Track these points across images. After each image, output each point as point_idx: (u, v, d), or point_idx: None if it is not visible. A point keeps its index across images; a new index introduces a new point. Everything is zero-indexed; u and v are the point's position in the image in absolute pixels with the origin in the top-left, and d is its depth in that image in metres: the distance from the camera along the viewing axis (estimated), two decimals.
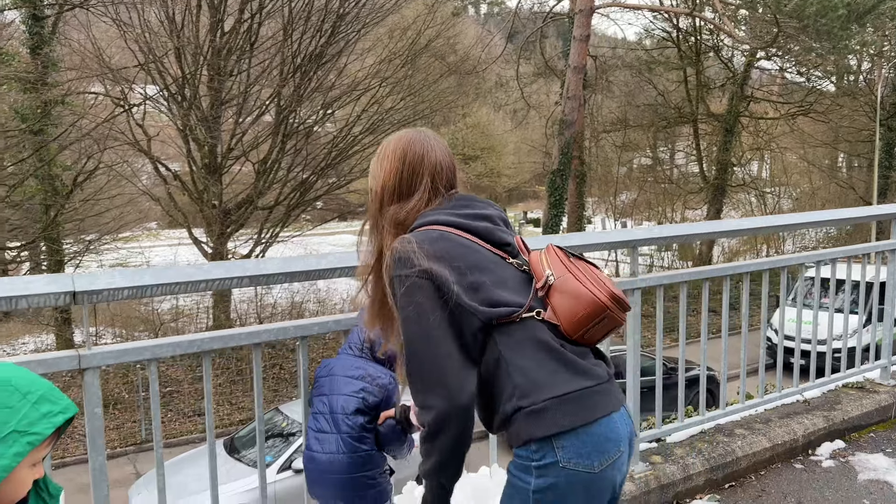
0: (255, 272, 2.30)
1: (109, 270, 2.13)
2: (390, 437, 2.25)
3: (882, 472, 3.69)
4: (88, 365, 2.08)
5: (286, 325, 2.44)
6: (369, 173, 1.91)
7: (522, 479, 1.62)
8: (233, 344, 2.35)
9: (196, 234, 16.68)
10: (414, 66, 18.65)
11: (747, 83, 24.55)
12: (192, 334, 2.33)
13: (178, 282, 2.18)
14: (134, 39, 15.08)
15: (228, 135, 15.98)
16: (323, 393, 2.35)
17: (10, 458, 1.15)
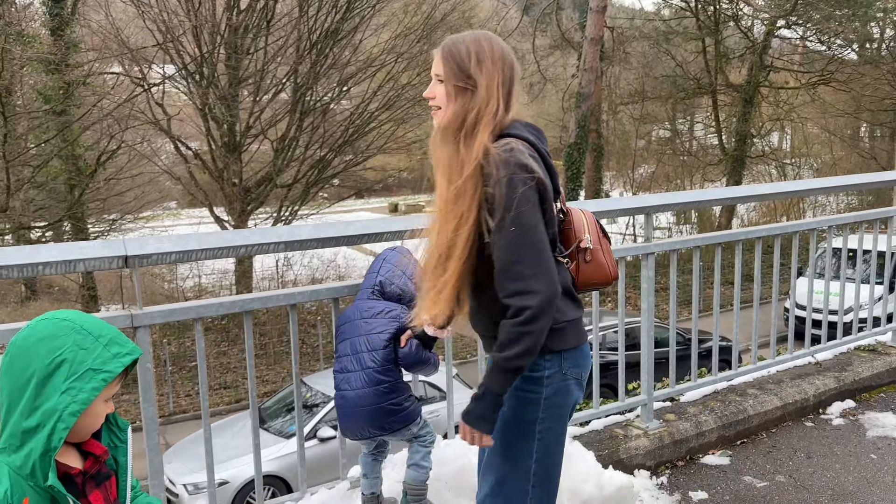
0: (290, 238, 2.45)
1: (158, 236, 2.30)
2: (414, 357, 2.42)
3: (890, 430, 3.81)
4: (140, 323, 2.25)
5: (319, 287, 2.60)
6: (454, 70, 1.83)
7: (534, 390, 1.87)
8: (271, 304, 2.52)
9: (217, 213, 16.94)
10: (429, 41, 18.63)
11: (767, 52, 24.22)
12: (233, 296, 2.50)
13: (220, 247, 2.35)
14: (152, 19, 15.24)
15: (247, 113, 16.14)
16: (345, 337, 2.52)
17: (87, 392, 1.32)
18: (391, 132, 19.00)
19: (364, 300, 2.52)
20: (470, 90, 1.81)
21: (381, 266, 2.55)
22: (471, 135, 1.79)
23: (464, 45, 1.83)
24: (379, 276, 2.53)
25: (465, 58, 1.82)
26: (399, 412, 2.46)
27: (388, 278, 2.51)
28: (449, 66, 1.84)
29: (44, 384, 1.30)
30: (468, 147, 1.78)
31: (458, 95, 1.82)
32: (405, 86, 18.26)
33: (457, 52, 1.83)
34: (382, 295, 2.51)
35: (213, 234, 2.33)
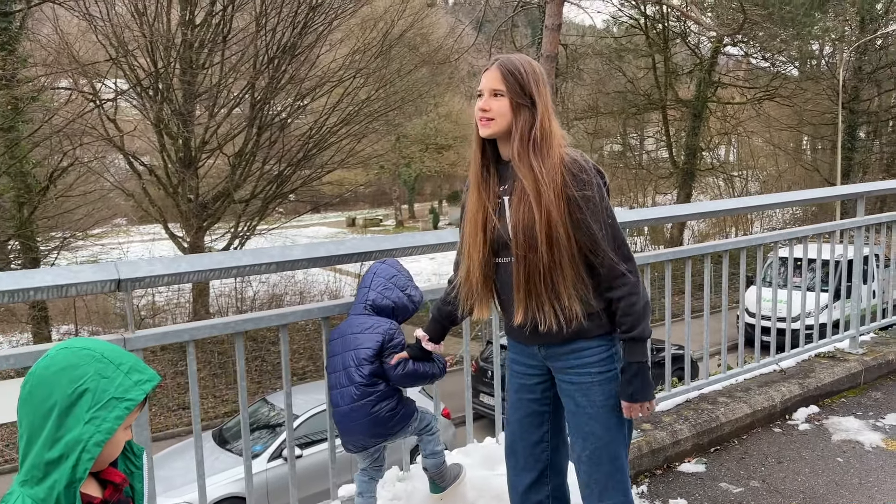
0: (281, 258, 2.46)
1: (150, 259, 2.28)
2: (400, 375, 2.45)
3: (853, 433, 3.97)
4: (133, 347, 2.23)
5: (311, 307, 2.61)
6: (514, 88, 2.01)
7: (610, 367, 2.15)
8: (263, 325, 2.52)
9: (172, 229, 16.63)
10: (387, 57, 18.72)
11: (714, 69, 25.02)
12: (226, 317, 2.49)
13: (211, 268, 2.34)
14: (104, 34, 14.95)
15: (202, 128, 15.93)
16: (335, 353, 2.54)
17: (111, 421, 1.31)
18: (350, 147, 18.98)
19: (356, 315, 2.54)
20: (527, 107, 2.01)
21: (371, 280, 2.57)
22: (540, 147, 2.00)
23: (521, 66, 2.03)
24: (371, 290, 2.54)
25: (525, 77, 2.02)
26: (394, 416, 2.50)
27: (381, 293, 2.54)
28: (509, 82, 2.01)
29: (66, 414, 1.29)
30: (544, 157, 2.00)
31: (518, 111, 2.01)
32: (364, 101, 18.30)
33: (516, 71, 2.02)
34: (374, 310, 2.53)
35: (205, 255, 2.33)
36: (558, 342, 2.13)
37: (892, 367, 4.85)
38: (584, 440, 2.16)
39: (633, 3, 23.91)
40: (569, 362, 2.15)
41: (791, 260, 4.52)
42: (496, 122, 2.03)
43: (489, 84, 2.03)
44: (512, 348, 2.32)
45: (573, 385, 2.16)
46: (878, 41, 24.98)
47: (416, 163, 41.01)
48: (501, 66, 2.02)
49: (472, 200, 2.15)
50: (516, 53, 2.10)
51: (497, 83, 2.02)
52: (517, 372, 2.30)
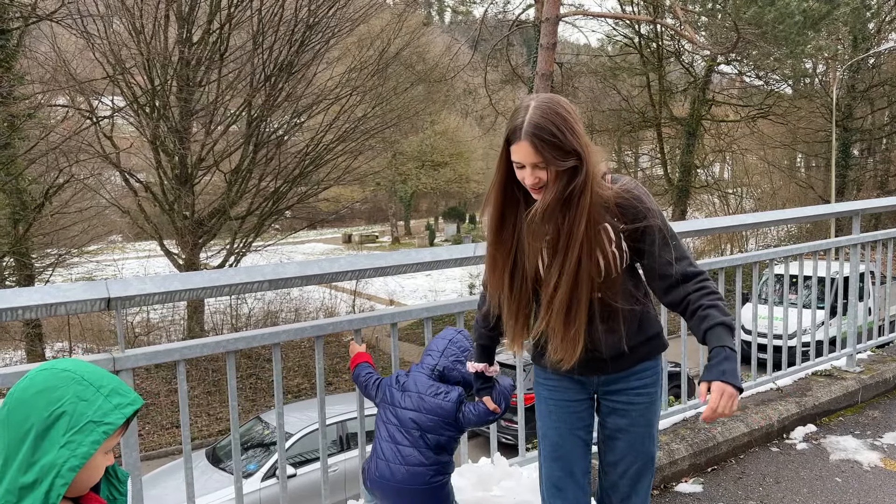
0: (275, 276, 2.44)
1: (141, 277, 2.26)
2: (482, 415, 2.46)
3: (851, 452, 3.94)
4: (122, 367, 2.20)
5: (304, 325, 2.58)
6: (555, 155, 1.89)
7: (660, 384, 2.20)
8: (255, 344, 2.49)
9: (167, 246, 16.59)
10: (383, 76, 18.83)
11: (708, 87, 25.19)
12: (217, 336, 2.47)
13: (204, 286, 2.32)
14: (101, 52, 15.00)
15: (199, 145, 15.95)
16: (398, 405, 2.48)
17: (87, 445, 1.28)
18: (346, 164, 19.03)
19: (422, 376, 2.50)
20: (574, 163, 1.89)
21: (446, 348, 2.55)
22: (576, 197, 1.92)
23: (552, 126, 1.87)
24: (443, 357, 2.52)
25: (561, 137, 1.87)
26: (443, 491, 2.47)
27: (452, 364, 2.51)
28: (547, 153, 1.87)
29: (42, 438, 1.26)
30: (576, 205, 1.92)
31: (565, 173, 1.90)
32: (360, 118, 18.37)
33: (550, 137, 1.86)
34: (441, 378, 2.50)
35: (197, 273, 2.30)
36: (622, 369, 2.12)
37: (889, 385, 4.83)
38: (635, 457, 2.17)
39: (627, 23, 24.11)
40: (630, 384, 2.15)
41: (787, 277, 4.51)
42: (547, 189, 1.93)
43: (527, 158, 1.89)
44: (557, 384, 2.21)
45: (632, 405, 2.15)
46: (871, 60, 25.23)
47: (413, 179, 41.13)
48: (534, 139, 1.86)
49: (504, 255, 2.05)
50: (536, 102, 1.91)
51: (534, 157, 1.87)
52: (567, 400, 2.20)
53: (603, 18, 22.55)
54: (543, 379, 2.24)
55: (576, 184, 1.89)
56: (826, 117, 24.25)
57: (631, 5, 23.17)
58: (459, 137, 41.25)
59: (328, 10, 16.25)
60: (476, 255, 2.96)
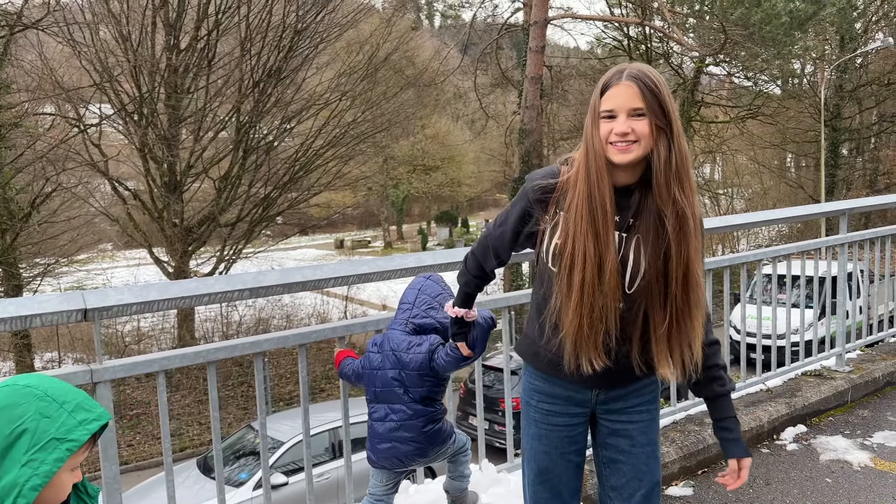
0: (255, 284, 2.41)
1: (119, 287, 2.23)
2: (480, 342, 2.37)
3: (841, 453, 3.93)
4: (100, 378, 2.16)
5: (287, 334, 2.55)
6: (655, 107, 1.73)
7: (657, 406, 2.11)
8: (236, 354, 2.45)
9: (157, 254, 16.50)
10: (373, 80, 18.81)
11: (697, 88, 25.27)
12: (197, 346, 2.43)
13: (182, 296, 2.28)
14: (88, 59, 14.93)
15: (188, 152, 15.88)
16: (380, 367, 2.47)
17: (51, 463, 1.24)
18: (337, 169, 18.99)
19: (398, 332, 2.47)
20: (665, 130, 1.75)
21: (416, 298, 2.50)
22: (683, 175, 1.77)
23: (658, 81, 1.75)
24: (414, 308, 2.47)
25: (663, 96, 1.74)
26: (440, 435, 2.50)
27: (426, 312, 2.46)
28: (649, 101, 1.72)
29: (3, 456, 1.22)
30: (686, 187, 1.78)
31: (658, 134, 1.74)
32: (350, 123, 18.34)
33: (655, 88, 1.73)
34: (417, 330, 2.46)
35: (175, 283, 2.27)
36: (631, 382, 1.99)
37: (879, 384, 4.83)
38: (641, 479, 2.03)
39: (616, 25, 24.17)
40: (630, 402, 2.01)
41: (775, 277, 4.51)
42: (640, 146, 1.74)
43: (626, 102, 1.73)
44: (551, 397, 2.03)
45: (633, 424, 2.02)
46: (858, 59, 25.38)
47: (404, 184, 41.12)
48: (639, 82, 1.73)
49: (584, 234, 1.79)
50: (639, 64, 1.81)
51: (637, 101, 1.72)
52: (558, 424, 2.03)
53: (592, 21, 22.61)
54: (536, 400, 2.05)
55: (675, 153, 1.74)
56: (815, 117, 24.37)
57: (620, 8, 23.24)
58: (451, 141, 41.27)
59: (316, 15, 16.22)
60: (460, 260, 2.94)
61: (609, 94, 1.75)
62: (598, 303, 1.78)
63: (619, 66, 1.79)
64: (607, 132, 1.75)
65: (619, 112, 1.74)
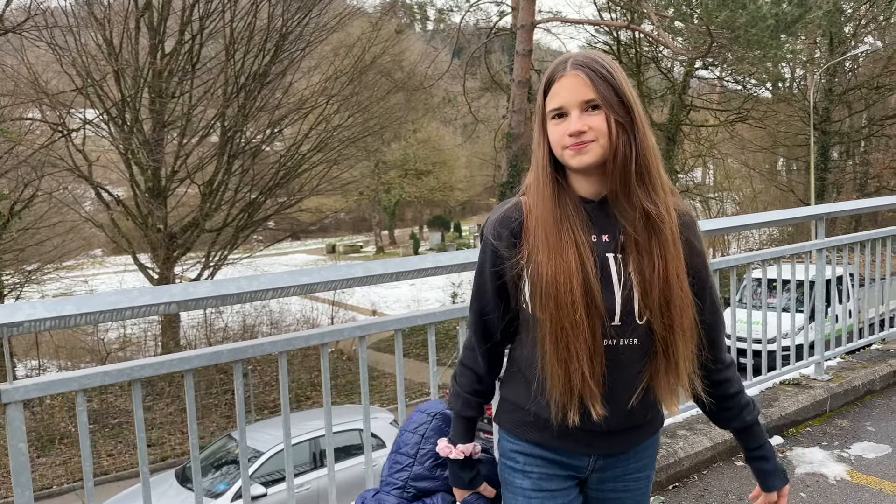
0: (183, 297, 2.26)
1: (31, 301, 2.08)
2: None
3: (818, 465, 3.81)
4: (10, 399, 2.02)
5: (220, 349, 2.41)
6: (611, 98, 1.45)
7: (654, 470, 1.78)
8: (163, 371, 2.31)
9: (142, 260, 16.34)
10: (361, 84, 18.71)
11: (687, 92, 25.25)
12: (120, 363, 2.29)
13: (101, 310, 2.14)
14: (71, 63, 14.78)
15: (172, 157, 15.73)
16: None
17: None
18: (324, 173, 18.88)
19: (392, 500, 1.80)
20: (626, 124, 1.46)
21: (419, 448, 1.81)
22: (649, 177, 1.48)
23: (609, 67, 1.47)
24: (416, 464, 1.79)
25: (620, 83, 1.47)
26: None
27: (431, 469, 1.79)
28: (602, 92, 1.44)
29: None
30: (655, 190, 1.49)
31: (618, 130, 1.45)
32: (337, 127, 18.23)
33: (609, 75, 1.46)
34: (419, 495, 1.80)
35: (96, 295, 2.13)
36: (633, 443, 1.64)
37: (858, 392, 4.71)
38: None
39: (605, 30, 24.14)
40: (629, 465, 1.66)
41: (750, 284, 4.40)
42: (597, 146, 1.45)
43: (576, 95, 1.45)
44: (539, 469, 1.62)
45: (628, 492, 1.69)
46: (847, 63, 25.39)
47: (396, 189, 41.03)
48: (587, 69, 1.45)
49: (552, 261, 1.47)
50: (585, 51, 1.58)
51: (588, 92, 1.44)
52: (551, 489, 1.63)
53: (581, 25, 22.56)
54: (521, 464, 1.64)
55: (638, 151, 1.45)
56: (804, 121, 24.36)
57: (608, 12, 23.20)
58: (442, 146, 41.22)
59: (302, 18, 16.11)
60: (422, 269, 2.81)
61: (555, 89, 1.48)
62: (578, 343, 1.47)
63: (563, 56, 1.52)
64: (560, 135, 1.47)
65: (570, 108, 1.46)
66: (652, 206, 1.47)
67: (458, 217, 50.92)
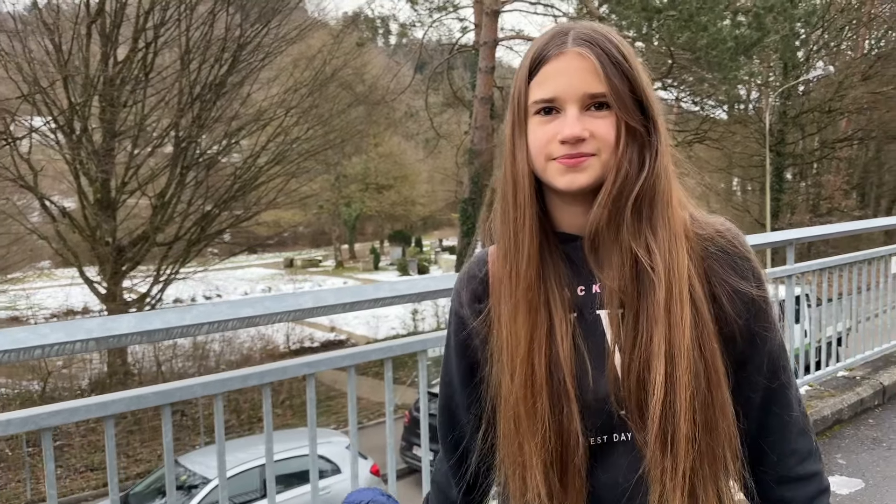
0: (101, 334, 1.98)
1: None
2: None
3: None
4: None
5: (145, 391, 2.12)
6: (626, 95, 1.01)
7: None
8: (77, 419, 2.02)
9: (91, 274, 15.70)
10: (321, 96, 18.43)
11: None
12: (27, 409, 1.98)
13: (5, 349, 1.84)
14: (16, 69, 14.20)
15: (123, 168, 15.20)
16: None
17: None
18: (282, 186, 18.52)
19: None
20: (640, 132, 1.03)
21: None
22: (657, 207, 1.03)
23: (623, 46, 1.03)
24: None
25: (637, 70, 1.03)
26: None
27: None
28: (617, 81, 1.00)
29: None
30: (660, 225, 1.02)
31: (628, 139, 1.01)
32: (296, 139, 17.90)
33: (622, 57, 1.01)
34: None
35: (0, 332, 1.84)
36: None
37: (827, 423, 4.59)
38: None
39: None
40: None
41: None
42: (598, 162, 1.01)
43: (580, 84, 1.00)
44: None
45: None
46: (801, 87, 26.02)
47: (357, 202, 40.65)
48: (597, 49, 1.00)
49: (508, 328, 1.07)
50: (589, 22, 1.09)
51: (596, 82, 0.99)
52: None
53: None
54: None
55: (652, 171, 1.02)
56: (760, 142, 24.83)
57: None
58: (403, 160, 41.05)
59: (261, 29, 15.79)
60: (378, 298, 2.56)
61: (546, 71, 1.01)
62: (532, 444, 1.03)
63: (558, 27, 1.05)
64: (546, 139, 1.01)
65: (566, 101, 1.00)
66: (643, 251, 1.00)
67: (419, 232, 50.73)
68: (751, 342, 1.06)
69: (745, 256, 1.07)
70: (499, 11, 16.88)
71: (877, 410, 4.85)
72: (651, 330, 0.99)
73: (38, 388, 15.35)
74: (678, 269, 1.00)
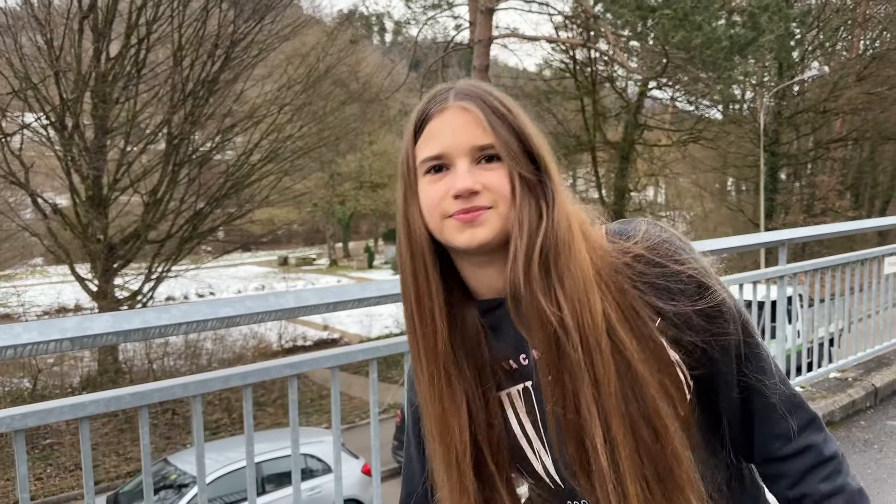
0: (77, 333, 1.93)
1: None
2: None
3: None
4: None
5: (121, 392, 2.07)
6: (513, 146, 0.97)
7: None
8: (52, 420, 1.97)
9: (82, 271, 15.61)
10: (315, 93, 18.36)
11: (641, 112, 25.55)
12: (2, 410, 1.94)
13: None
14: (7, 65, 14.10)
15: (115, 165, 15.11)
16: None
17: None
18: (275, 184, 18.45)
19: None
20: (533, 186, 0.98)
21: None
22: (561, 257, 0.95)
23: (505, 100, 1.01)
24: None
25: (522, 122, 1.00)
26: None
27: None
28: (503, 132, 0.97)
29: None
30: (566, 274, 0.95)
31: (523, 191, 0.98)
32: (289, 137, 17.83)
33: (505, 110, 0.99)
34: None
35: None
36: None
37: None
38: None
39: (563, 48, 24.29)
40: None
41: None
42: (496, 214, 0.97)
43: (466, 137, 0.98)
44: None
45: None
46: (796, 87, 26.06)
47: (351, 201, 40.53)
48: (479, 101, 0.99)
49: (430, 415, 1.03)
50: (471, 80, 1.07)
51: (482, 134, 0.97)
52: None
53: (537, 42, 22.63)
54: None
55: (551, 223, 0.96)
56: (754, 142, 24.86)
57: (565, 30, 23.35)
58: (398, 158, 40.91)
59: (254, 25, 15.71)
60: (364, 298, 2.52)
61: (431, 129, 1.00)
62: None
63: (441, 86, 1.05)
64: (439, 197, 0.98)
65: (455, 156, 0.97)
66: (555, 308, 0.93)
67: None
68: (717, 350, 1.01)
69: (676, 270, 1.00)
70: (493, 9, 16.83)
71: (868, 412, 4.84)
72: (577, 392, 0.94)
73: (29, 385, 15.25)
74: (592, 319, 0.93)
